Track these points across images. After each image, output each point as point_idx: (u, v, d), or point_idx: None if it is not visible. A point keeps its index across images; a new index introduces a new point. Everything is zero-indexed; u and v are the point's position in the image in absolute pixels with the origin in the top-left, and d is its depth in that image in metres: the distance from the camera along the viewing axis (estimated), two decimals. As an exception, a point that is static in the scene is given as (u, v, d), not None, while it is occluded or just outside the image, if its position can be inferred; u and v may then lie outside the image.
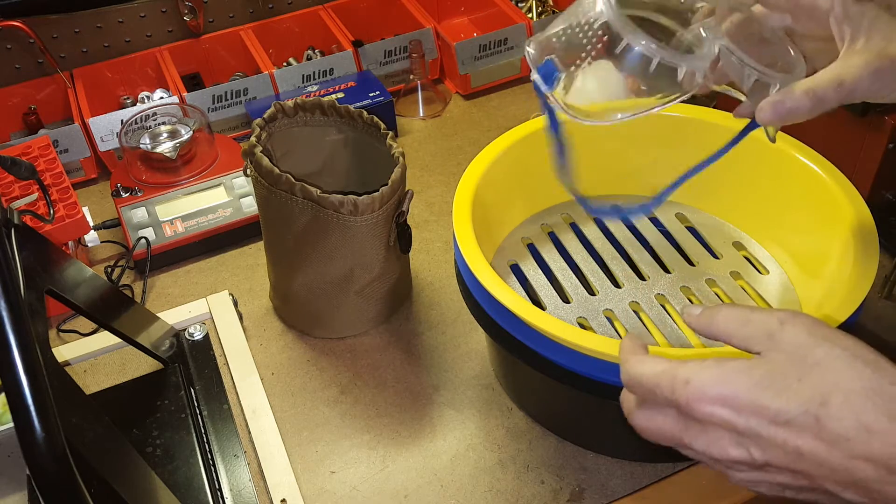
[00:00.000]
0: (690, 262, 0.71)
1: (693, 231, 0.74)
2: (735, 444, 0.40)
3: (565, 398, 0.64)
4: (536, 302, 0.68)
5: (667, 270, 0.70)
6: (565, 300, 0.67)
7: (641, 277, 0.69)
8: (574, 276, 0.69)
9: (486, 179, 0.68)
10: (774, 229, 0.71)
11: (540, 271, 0.70)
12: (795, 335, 0.41)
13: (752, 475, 0.42)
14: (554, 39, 0.51)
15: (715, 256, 0.71)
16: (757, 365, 0.41)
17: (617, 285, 0.68)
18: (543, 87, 0.52)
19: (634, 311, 0.66)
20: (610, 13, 0.47)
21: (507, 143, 0.71)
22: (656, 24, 0.53)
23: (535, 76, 0.52)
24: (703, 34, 0.51)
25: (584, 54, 0.50)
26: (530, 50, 0.52)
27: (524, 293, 0.69)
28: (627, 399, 0.46)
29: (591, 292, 0.68)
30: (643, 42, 0.47)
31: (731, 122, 0.71)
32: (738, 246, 0.72)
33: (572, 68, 0.51)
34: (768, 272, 0.70)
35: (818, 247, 0.65)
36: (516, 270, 0.71)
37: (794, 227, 0.69)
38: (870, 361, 0.40)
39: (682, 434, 0.42)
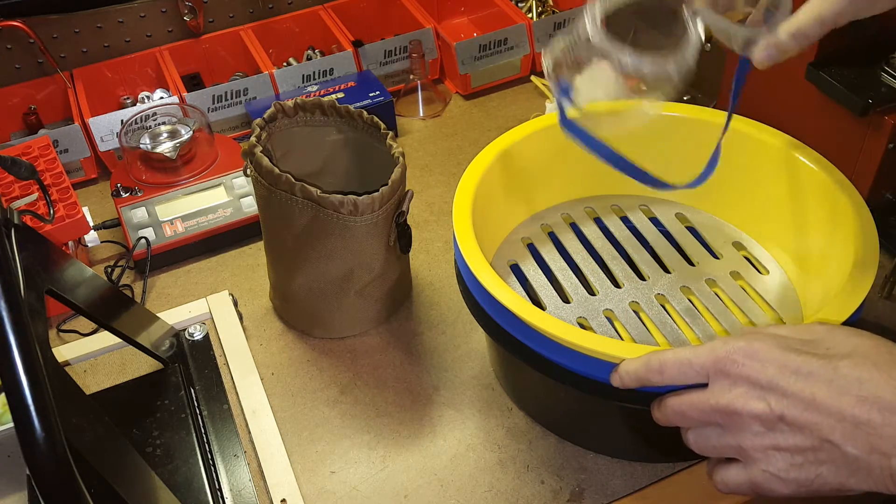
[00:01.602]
0: (690, 262, 0.70)
1: (693, 231, 0.74)
2: (757, 398, 0.45)
3: (565, 398, 0.64)
4: (536, 302, 0.67)
5: (667, 270, 0.70)
6: (565, 300, 0.67)
7: (641, 277, 0.69)
8: (574, 276, 0.69)
9: (487, 179, 0.68)
10: (774, 229, 0.71)
11: (540, 271, 0.70)
12: (829, 327, 0.48)
13: (765, 439, 0.45)
14: (562, 56, 0.56)
15: (715, 256, 0.71)
16: (791, 335, 0.47)
17: (617, 285, 0.68)
18: (567, 104, 0.58)
19: (634, 311, 0.66)
20: (596, 38, 0.54)
21: (507, 143, 0.71)
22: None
23: (557, 99, 0.58)
24: (687, 17, 0.56)
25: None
26: (548, 66, 0.57)
27: (524, 293, 0.69)
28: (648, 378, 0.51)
29: (591, 292, 0.68)
30: (629, 59, 0.54)
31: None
32: (738, 246, 0.72)
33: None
34: (768, 272, 0.69)
35: (818, 247, 0.65)
36: (516, 270, 0.71)
37: (794, 227, 0.69)
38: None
39: (708, 396, 0.47)
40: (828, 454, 0.44)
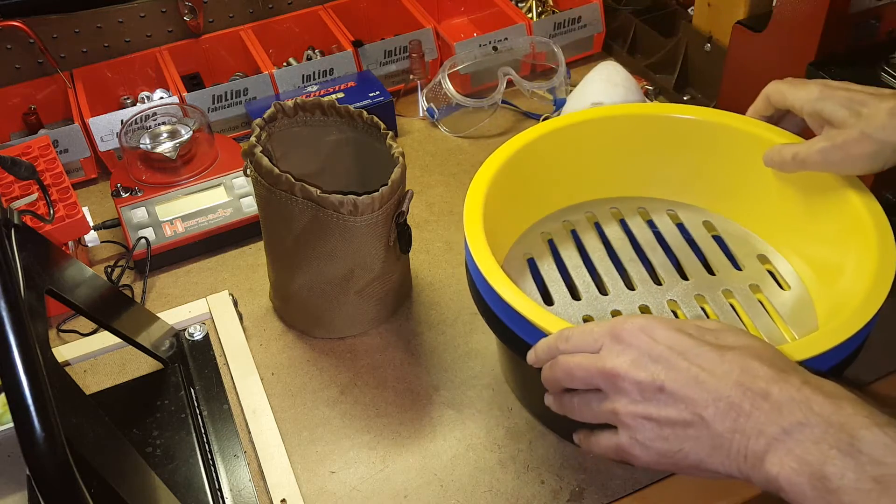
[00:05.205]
0: (711, 271, 0.69)
1: (719, 240, 0.72)
2: (642, 367, 0.47)
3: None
4: (547, 296, 0.67)
5: (684, 277, 0.68)
6: (576, 297, 0.67)
7: (657, 282, 0.68)
8: (588, 274, 0.68)
9: (508, 170, 0.67)
10: (801, 243, 0.68)
11: (555, 266, 0.69)
12: (724, 324, 0.50)
13: (639, 407, 0.48)
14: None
15: (737, 268, 0.69)
16: (688, 321, 0.50)
17: (631, 287, 0.67)
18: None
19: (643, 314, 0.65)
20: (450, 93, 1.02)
21: (533, 136, 0.70)
22: None
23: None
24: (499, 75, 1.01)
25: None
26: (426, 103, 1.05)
27: (535, 286, 0.68)
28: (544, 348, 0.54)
29: (604, 292, 0.67)
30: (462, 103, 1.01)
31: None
32: (763, 259, 0.70)
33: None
34: (790, 288, 0.67)
35: (845, 264, 0.63)
36: (532, 264, 0.70)
37: (822, 243, 0.66)
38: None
39: (596, 359, 0.49)
40: (696, 430, 0.46)
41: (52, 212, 0.76)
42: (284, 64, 1.11)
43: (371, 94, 1.00)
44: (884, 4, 0.81)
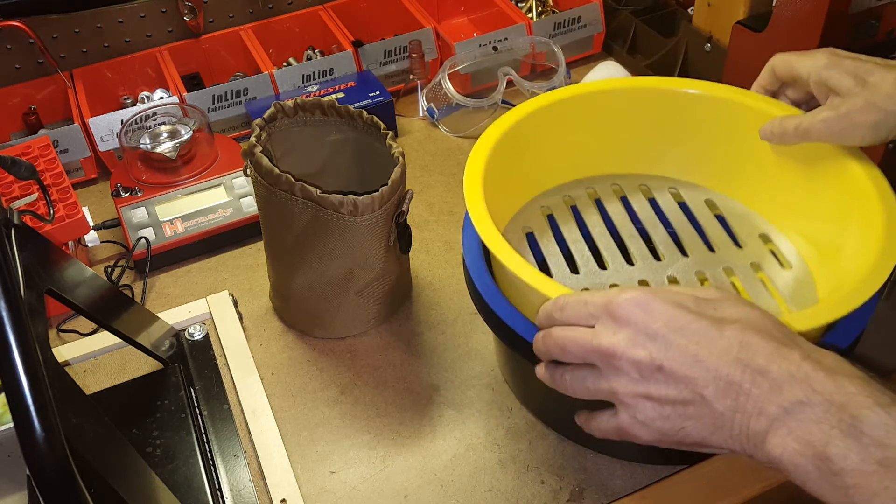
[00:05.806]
0: (711, 249, 0.68)
1: (721, 219, 0.71)
2: (639, 345, 0.46)
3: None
4: (546, 269, 0.67)
5: (685, 254, 0.68)
6: (574, 271, 0.66)
7: (657, 258, 0.67)
8: (587, 248, 0.68)
9: (508, 141, 0.67)
10: (804, 221, 0.68)
11: (554, 240, 0.69)
12: (723, 293, 0.49)
13: (638, 387, 0.46)
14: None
15: (738, 246, 0.69)
16: (686, 292, 0.48)
17: (630, 262, 0.67)
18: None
19: None
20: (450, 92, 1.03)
21: (534, 107, 0.69)
22: None
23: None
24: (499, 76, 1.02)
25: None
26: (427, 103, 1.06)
27: (534, 260, 0.68)
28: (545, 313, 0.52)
29: (603, 266, 0.67)
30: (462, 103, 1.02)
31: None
32: (765, 238, 0.70)
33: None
34: (791, 267, 0.67)
35: (848, 246, 0.62)
36: (531, 238, 0.70)
37: (826, 224, 0.66)
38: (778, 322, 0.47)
39: (591, 335, 0.48)
40: (696, 409, 0.45)
41: (52, 212, 0.76)
42: (284, 64, 1.11)
43: (371, 94, 1.00)
44: (884, 4, 0.81)
